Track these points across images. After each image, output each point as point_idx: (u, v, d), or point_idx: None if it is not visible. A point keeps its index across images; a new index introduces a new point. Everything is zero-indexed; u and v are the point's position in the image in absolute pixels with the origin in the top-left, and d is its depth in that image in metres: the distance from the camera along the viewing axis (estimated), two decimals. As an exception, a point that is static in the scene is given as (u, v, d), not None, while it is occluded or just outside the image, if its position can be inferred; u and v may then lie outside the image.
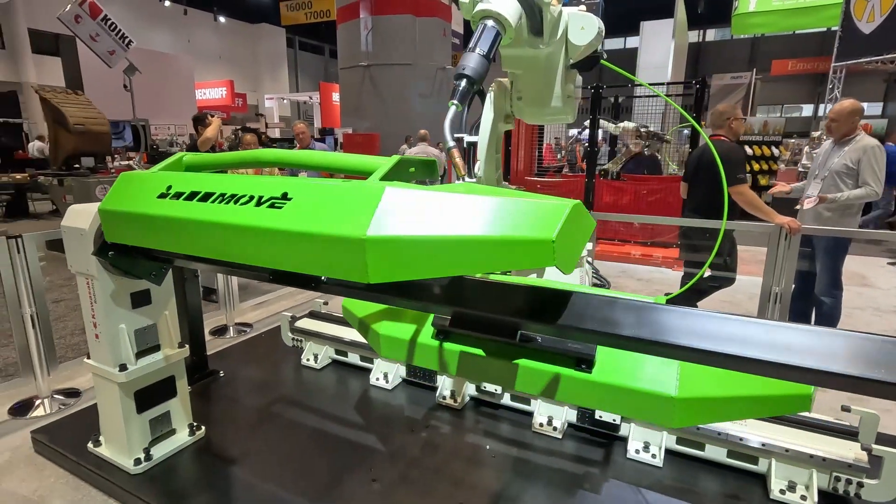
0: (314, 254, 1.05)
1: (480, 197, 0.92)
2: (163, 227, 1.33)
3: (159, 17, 25.60)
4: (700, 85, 5.29)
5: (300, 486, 1.94)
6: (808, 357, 0.91)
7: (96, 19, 11.29)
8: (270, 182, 1.17)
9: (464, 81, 1.14)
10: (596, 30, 1.42)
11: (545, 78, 1.52)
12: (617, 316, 1.10)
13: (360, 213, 0.98)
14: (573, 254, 0.90)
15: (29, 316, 2.59)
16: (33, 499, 1.97)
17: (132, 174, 1.54)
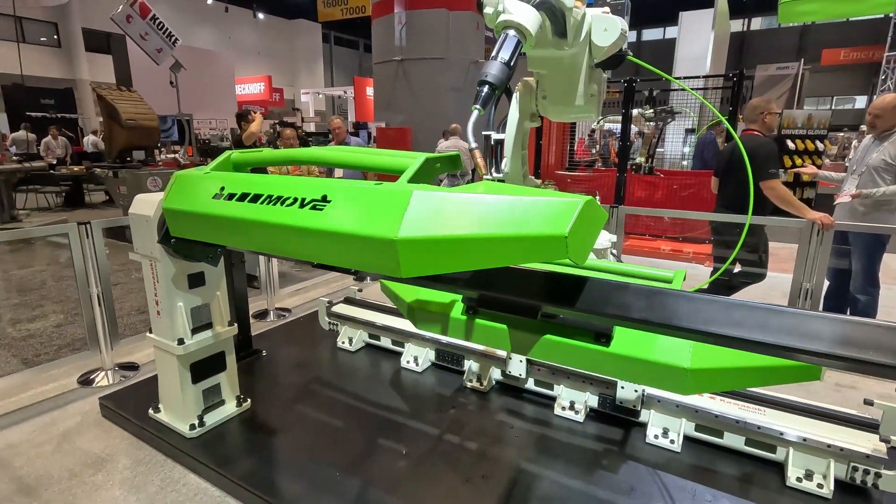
0: (352, 251, 1.19)
1: (499, 196, 1.02)
2: (219, 225, 1.51)
3: (202, 15, 26.51)
4: (737, 77, 5.18)
5: (335, 455, 2.11)
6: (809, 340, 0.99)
7: (146, 19, 11.85)
8: (311, 185, 1.30)
9: (486, 87, 1.22)
10: (619, 31, 1.47)
11: (569, 78, 1.59)
12: (629, 301, 1.20)
13: (392, 216, 1.09)
14: (586, 247, 0.99)
15: (96, 295, 2.86)
16: (103, 456, 2.21)
17: (185, 175, 1.71)
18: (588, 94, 1.65)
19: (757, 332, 1.00)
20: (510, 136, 1.80)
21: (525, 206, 0.99)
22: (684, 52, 11.89)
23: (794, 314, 1.00)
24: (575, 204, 0.95)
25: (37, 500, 1.94)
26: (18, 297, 4.51)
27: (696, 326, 1.08)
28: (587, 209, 0.96)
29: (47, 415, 2.54)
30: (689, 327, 1.08)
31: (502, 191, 1.06)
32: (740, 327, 1.01)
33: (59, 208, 9.37)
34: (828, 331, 0.95)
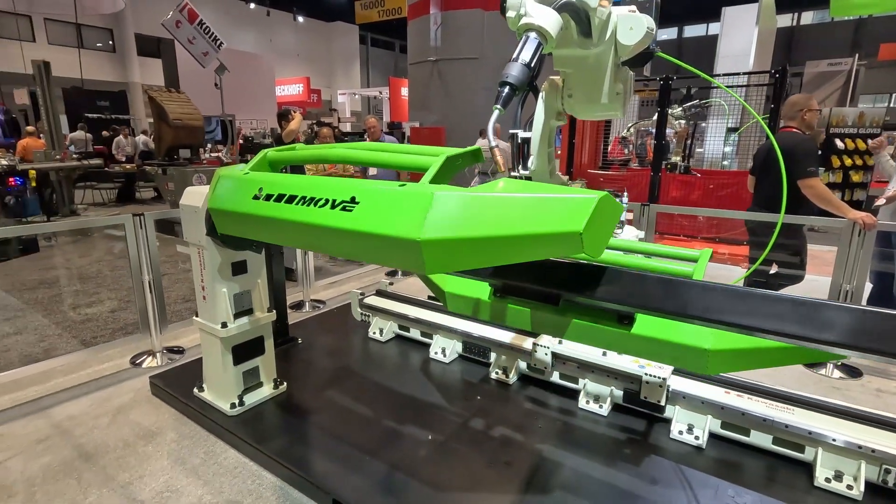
0: (380, 250, 1.28)
1: (516, 195, 1.07)
2: (259, 224, 1.64)
3: (245, 19, 27.45)
4: (780, 74, 5.01)
5: (365, 437, 2.21)
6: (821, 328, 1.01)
7: (193, 24, 12.41)
8: (341, 186, 1.39)
9: (507, 88, 1.26)
10: (644, 30, 1.47)
11: (594, 76, 1.59)
12: (647, 290, 1.24)
13: (415, 217, 1.16)
14: (602, 241, 1.04)
15: (147, 282, 3.07)
16: (153, 429, 2.39)
17: (226, 173, 1.84)
18: (613, 92, 1.65)
19: (767, 321, 1.03)
20: (536, 134, 1.84)
21: (542, 204, 1.03)
22: (727, 48, 11.50)
23: (804, 302, 1.03)
24: (590, 201, 0.99)
25: (95, 466, 2.13)
26: (78, 285, 4.86)
27: (708, 315, 1.11)
28: (602, 205, 1.00)
29: (103, 391, 2.75)
30: (701, 316, 1.12)
31: (520, 189, 1.11)
32: (751, 316, 1.04)
33: (112, 203, 9.94)
34: (839, 320, 0.97)
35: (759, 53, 9.77)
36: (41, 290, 4.68)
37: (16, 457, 2.19)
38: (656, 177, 5.78)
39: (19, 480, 2.04)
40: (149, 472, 2.08)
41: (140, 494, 1.96)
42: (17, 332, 3.67)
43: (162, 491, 1.98)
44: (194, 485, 2.02)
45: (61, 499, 1.94)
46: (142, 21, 22.20)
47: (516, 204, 1.06)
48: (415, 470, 1.99)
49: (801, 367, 3.09)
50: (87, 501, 1.92)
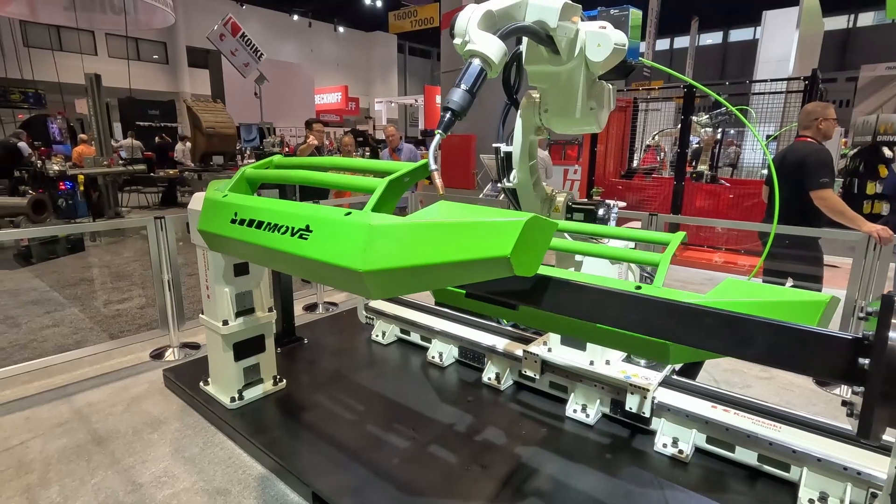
0: (331, 276, 1.37)
1: (447, 222, 1.13)
2: (236, 246, 1.78)
3: (288, 30, 28.51)
4: (809, 80, 4.82)
5: (353, 435, 2.29)
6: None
7: (236, 36, 13.04)
8: (299, 214, 1.47)
9: (448, 114, 1.29)
10: (612, 46, 1.48)
11: (568, 92, 1.63)
12: (596, 302, 1.27)
13: (358, 248, 1.23)
14: (534, 260, 1.09)
15: (167, 281, 3.27)
16: (161, 418, 2.55)
17: (211, 198, 1.93)
18: (587, 107, 1.67)
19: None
20: (517, 148, 1.89)
21: (471, 230, 1.08)
22: (767, 53, 11.07)
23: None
24: (517, 224, 1.03)
25: (105, 449, 2.30)
26: (114, 282, 5.20)
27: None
28: (530, 227, 1.04)
29: (122, 381, 2.96)
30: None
31: (454, 213, 1.15)
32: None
33: (155, 206, 10.53)
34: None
35: (803, 58, 9.35)
36: (81, 286, 5.04)
37: (37, 438, 2.39)
38: (679, 186, 5.65)
39: (37, 459, 2.23)
40: (151, 458, 2.23)
41: (140, 478, 2.11)
42: (55, 324, 3.97)
43: (160, 476, 2.12)
44: (189, 472, 2.15)
45: (70, 478, 2.11)
46: (193, 34, 23.43)
47: (448, 231, 1.12)
48: (393, 469, 2.05)
49: (812, 386, 2.97)
50: (93, 481, 2.08)
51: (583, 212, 2.00)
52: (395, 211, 1.44)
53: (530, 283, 1.33)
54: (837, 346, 1.01)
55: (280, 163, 2.07)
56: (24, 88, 17.54)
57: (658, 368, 2.37)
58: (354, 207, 1.39)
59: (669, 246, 1.70)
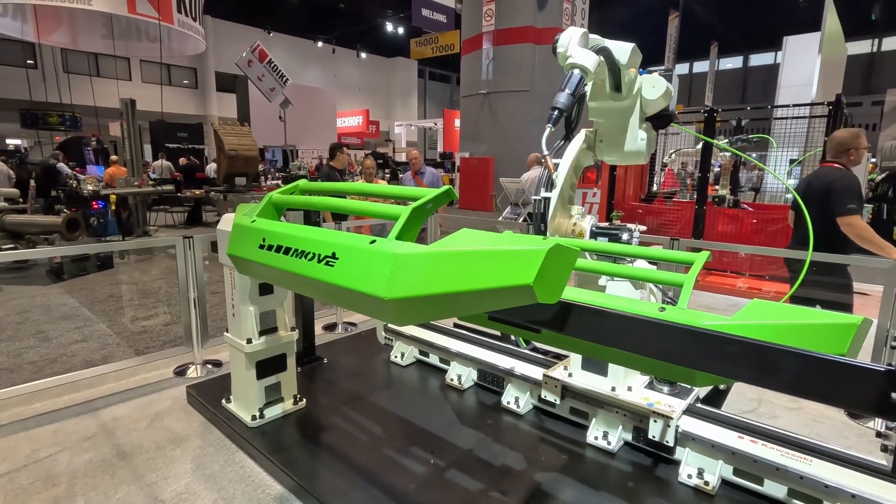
0: (356, 302, 1.42)
1: (470, 251, 1.15)
2: (265, 271, 1.84)
3: (312, 56, 29.47)
4: (833, 106, 4.78)
5: (372, 457, 2.29)
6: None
7: (263, 63, 13.57)
8: (325, 241, 1.51)
9: (556, 111, 1.58)
10: (664, 88, 1.72)
11: (622, 126, 1.84)
12: (618, 329, 1.27)
13: (383, 276, 1.26)
14: (557, 288, 1.11)
15: (192, 299, 3.35)
16: (182, 435, 2.59)
17: (239, 224, 2.00)
18: (637, 140, 1.87)
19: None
20: (567, 160, 2.01)
21: (494, 259, 1.10)
22: (789, 77, 11.03)
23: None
24: (540, 252, 1.05)
25: (129, 464, 2.33)
26: (140, 299, 5.33)
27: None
28: (553, 255, 1.06)
29: (147, 397, 3.01)
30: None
31: (477, 242, 1.18)
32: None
33: (181, 225, 10.82)
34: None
35: (825, 82, 9.28)
36: (109, 302, 5.18)
37: (64, 451, 2.44)
38: (701, 210, 5.60)
39: (64, 472, 2.28)
40: (173, 475, 2.26)
41: (162, 494, 2.13)
42: (83, 339, 4.08)
43: (181, 493, 2.15)
44: (210, 490, 2.17)
45: (95, 492, 2.14)
46: (221, 60, 24.39)
47: (471, 259, 1.14)
48: (411, 493, 2.04)
49: (844, 418, 2.87)
50: (117, 496, 2.12)
51: (607, 236, 2.02)
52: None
53: (553, 308, 1.34)
54: (868, 378, 0.99)
55: (305, 187, 2.14)
56: (61, 112, 18.39)
57: (682, 396, 2.33)
58: (375, 227, 1.44)
59: (694, 266, 1.68)
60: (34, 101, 17.55)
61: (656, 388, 2.40)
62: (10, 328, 4.30)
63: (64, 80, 17.54)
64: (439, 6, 14.02)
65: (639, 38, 7.04)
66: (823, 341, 1.14)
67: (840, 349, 1.07)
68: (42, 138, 17.80)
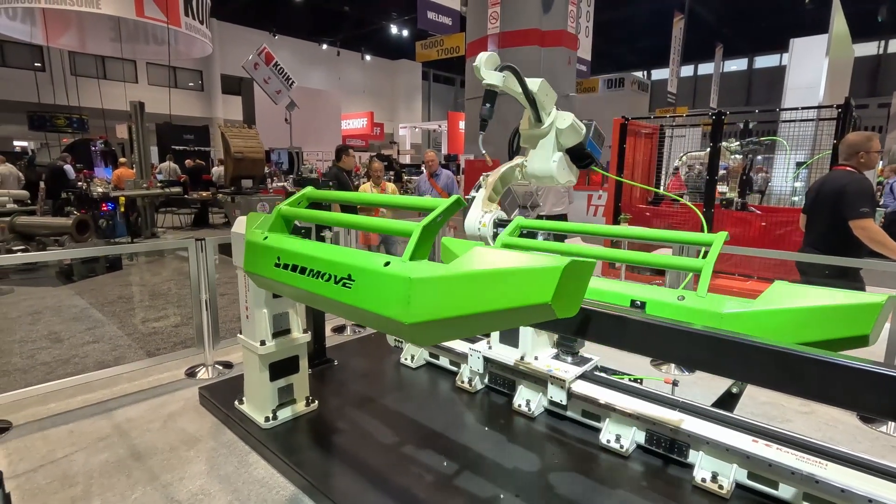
0: (376, 322, 1.45)
1: (487, 270, 1.15)
2: (281, 287, 1.90)
3: (317, 58, 29.56)
4: (841, 109, 4.76)
5: (385, 458, 2.30)
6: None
7: (269, 65, 13.62)
8: (340, 263, 1.52)
9: (483, 121, 2.00)
10: (571, 120, 2.01)
11: (542, 152, 2.10)
12: (639, 335, 1.28)
13: (401, 300, 1.27)
14: (575, 301, 1.12)
15: (204, 300, 3.38)
16: (196, 436, 2.61)
17: (252, 242, 2.03)
18: (550, 162, 2.09)
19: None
20: (498, 171, 2.25)
21: (511, 278, 1.11)
22: (795, 80, 11.00)
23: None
24: (556, 269, 1.06)
25: (144, 465, 2.35)
26: (150, 301, 5.37)
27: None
28: (569, 271, 1.06)
29: (159, 398, 3.03)
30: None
31: (492, 261, 1.18)
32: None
33: (188, 227, 10.88)
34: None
35: (832, 85, 9.25)
36: (119, 304, 5.21)
37: (80, 451, 2.47)
38: (709, 213, 5.58)
39: (81, 472, 2.30)
40: (188, 475, 2.28)
41: (178, 495, 2.15)
42: (95, 340, 4.12)
43: (196, 493, 2.16)
44: (224, 490, 2.18)
45: (112, 492, 2.16)
46: (227, 62, 24.50)
47: (487, 280, 1.15)
48: (425, 494, 2.04)
49: (857, 423, 2.86)
50: (133, 497, 2.13)
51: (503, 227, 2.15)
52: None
53: (574, 319, 1.35)
54: (892, 384, 0.99)
55: (312, 195, 2.16)
56: (68, 114, 18.53)
57: (580, 364, 2.66)
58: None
59: (712, 248, 1.67)
60: (42, 103, 17.68)
61: (561, 358, 2.72)
62: (23, 329, 4.34)
63: (71, 83, 17.64)
64: (445, 9, 14.05)
65: (644, 39, 7.14)
66: (848, 322, 1.14)
67: (864, 329, 1.06)
68: (49, 140, 17.93)
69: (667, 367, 3.58)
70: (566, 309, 1.08)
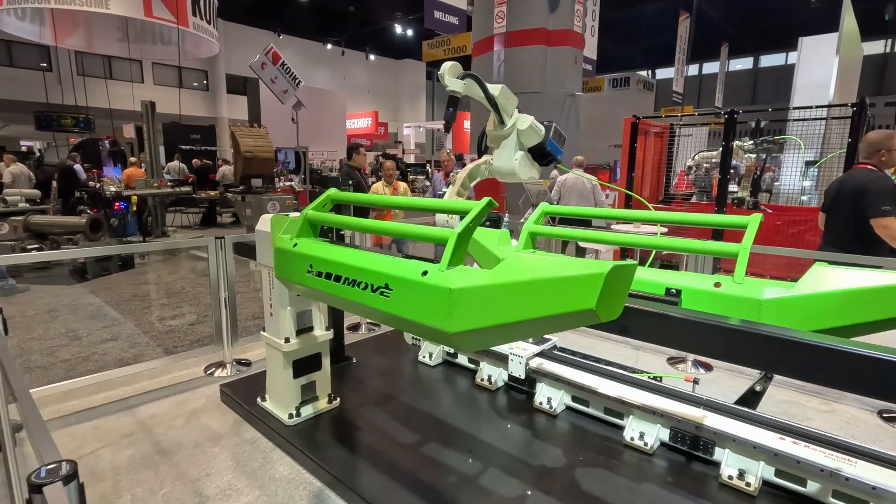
0: (417, 329, 1.45)
1: (529, 281, 1.16)
2: (316, 294, 1.94)
3: (322, 58, 29.62)
4: (857, 107, 4.75)
5: (410, 455, 2.31)
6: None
7: (276, 65, 13.62)
8: (376, 272, 1.53)
9: (445, 123, 2.15)
10: (530, 122, 2.14)
11: (505, 151, 2.22)
12: (683, 333, 1.29)
13: (443, 309, 1.27)
14: (618, 304, 1.12)
15: (224, 299, 3.40)
16: (220, 432, 2.62)
17: (281, 248, 2.06)
18: (512, 161, 2.21)
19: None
20: (466, 170, 2.36)
21: (554, 286, 1.12)
22: (804, 79, 10.96)
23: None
24: (600, 276, 1.06)
25: (171, 460, 2.37)
26: (164, 299, 5.40)
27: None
28: (612, 276, 1.07)
29: (180, 395, 3.05)
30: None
31: (533, 268, 1.18)
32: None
33: (196, 227, 10.93)
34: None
35: (842, 84, 9.22)
36: (134, 302, 5.25)
37: (106, 447, 2.49)
38: (721, 212, 5.58)
39: (108, 468, 2.32)
40: (214, 471, 2.30)
41: (206, 490, 2.17)
42: (113, 338, 4.14)
43: (224, 489, 2.18)
44: (252, 486, 2.20)
45: (141, 487, 2.18)
46: (231, 62, 24.57)
47: (530, 289, 1.15)
48: (452, 489, 2.05)
49: (878, 421, 2.86)
50: (162, 492, 2.15)
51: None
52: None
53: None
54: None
55: (336, 198, 2.17)
56: (75, 114, 18.61)
57: (539, 343, 2.84)
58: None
59: (748, 232, 1.66)
60: (50, 103, 17.77)
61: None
62: (41, 327, 4.37)
63: (79, 83, 17.74)
64: (452, 8, 14.07)
65: (649, 39, 7.13)
66: (894, 302, 1.14)
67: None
68: (57, 140, 18.02)
69: (683, 366, 3.58)
70: (610, 312, 1.09)
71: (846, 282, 1.29)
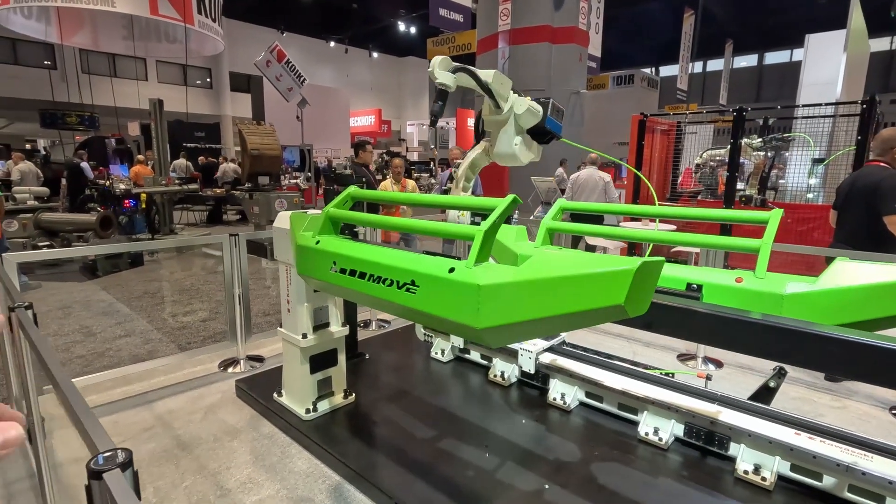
0: (447, 326, 1.48)
1: (557, 277, 1.17)
2: (340, 291, 1.99)
3: (325, 56, 29.62)
4: (867, 104, 4.75)
5: (427, 447, 2.34)
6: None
7: (281, 63, 13.64)
8: (401, 268, 1.54)
9: (432, 117, 2.12)
10: (527, 105, 2.13)
11: (504, 136, 2.23)
12: (708, 327, 1.30)
13: (471, 306, 1.29)
14: (645, 300, 1.14)
15: (237, 295, 3.43)
16: (237, 427, 2.66)
17: (303, 245, 2.07)
18: (512, 146, 2.22)
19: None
20: (467, 160, 2.38)
21: (583, 282, 1.13)
22: (811, 77, 10.91)
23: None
24: (629, 272, 1.07)
25: (191, 454, 2.40)
26: (176, 296, 5.43)
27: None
28: (640, 273, 1.08)
29: (196, 390, 3.09)
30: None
31: (560, 265, 1.19)
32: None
33: (202, 224, 10.98)
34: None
35: (849, 81, 9.19)
36: (145, 298, 5.29)
37: (126, 442, 2.52)
38: (729, 209, 5.58)
39: (129, 462, 2.35)
40: (234, 465, 2.33)
41: (227, 483, 2.20)
42: (126, 334, 4.18)
43: (245, 482, 2.21)
44: (272, 479, 2.23)
45: (163, 480, 2.21)
46: (235, 60, 24.60)
47: (559, 285, 1.16)
48: (469, 483, 2.08)
49: (890, 417, 2.87)
50: (184, 485, 2.18)
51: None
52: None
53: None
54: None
55: (357, 195, 2.19)
56: (80, 112, 18.67)
57: (548, 339, 2.80)
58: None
59: (769, 227, 1.68)
60: (56, 101, 17.83)
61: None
62: (55, 323, 4.41)
63: (83, 81, 17.79)
64: (456, 6, 14.06)
65: (653, 36, 7.13)
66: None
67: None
68: (62, 138, 18.08)
69: (693, 363, 3.60)
70: (637, 307, 1.11)
71: (868, 277, 1.31)
